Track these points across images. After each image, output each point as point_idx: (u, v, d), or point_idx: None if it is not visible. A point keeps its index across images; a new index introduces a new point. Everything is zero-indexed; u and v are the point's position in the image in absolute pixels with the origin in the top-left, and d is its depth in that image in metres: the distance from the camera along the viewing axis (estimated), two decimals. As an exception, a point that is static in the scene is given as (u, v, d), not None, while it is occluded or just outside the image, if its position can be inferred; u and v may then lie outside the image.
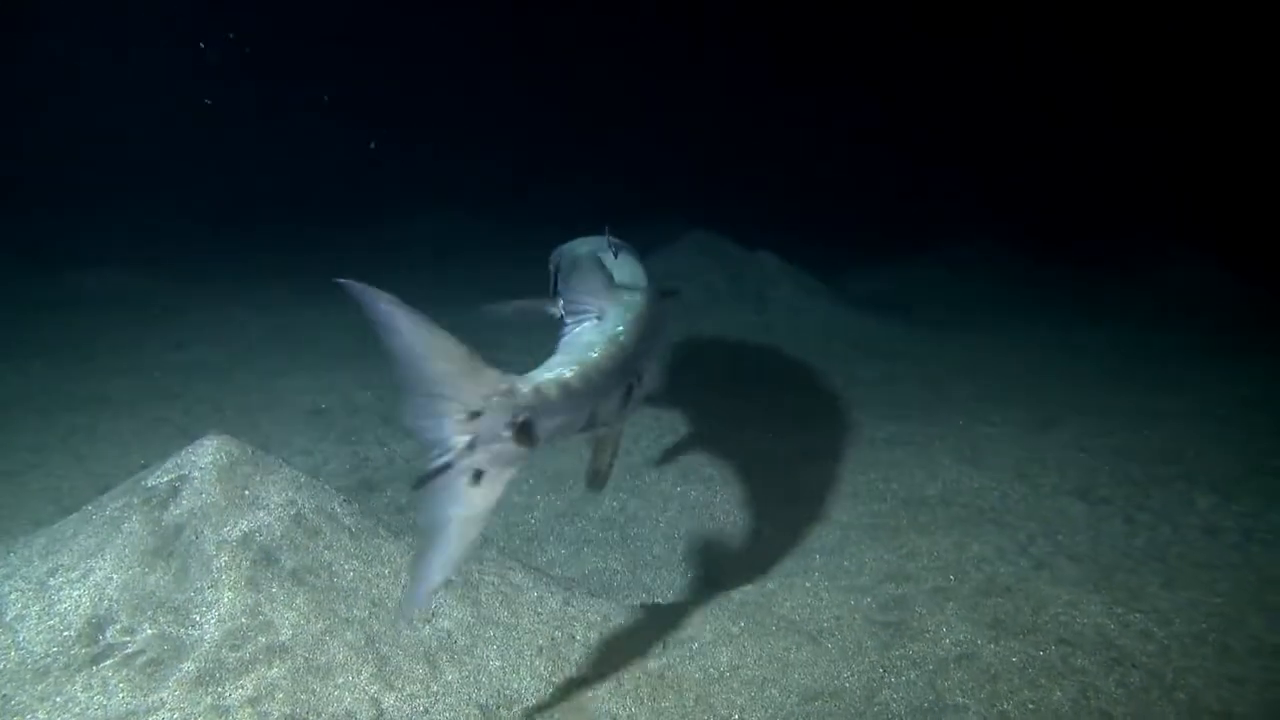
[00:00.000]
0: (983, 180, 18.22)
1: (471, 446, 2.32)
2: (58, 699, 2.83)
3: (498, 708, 3.08)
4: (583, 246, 3.92)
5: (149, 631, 3.05)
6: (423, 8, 23.47)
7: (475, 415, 2.31)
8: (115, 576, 3.20)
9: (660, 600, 4.02)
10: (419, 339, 2.27)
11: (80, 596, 3.15)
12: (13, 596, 3.20)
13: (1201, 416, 6.03)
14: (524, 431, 2.37)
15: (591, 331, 2.82)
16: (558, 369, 2.54)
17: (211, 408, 5.81)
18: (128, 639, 3.04)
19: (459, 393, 2.30)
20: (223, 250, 12.69)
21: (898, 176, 19.72)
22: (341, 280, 2.22)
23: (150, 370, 6.51)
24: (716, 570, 4.24)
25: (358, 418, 5.69)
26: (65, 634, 3.04)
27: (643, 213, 14.39)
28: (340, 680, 3.01)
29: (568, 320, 3.02)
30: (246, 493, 3.50)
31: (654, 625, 3.60)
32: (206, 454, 3.57)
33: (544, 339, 2.96)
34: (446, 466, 2.31)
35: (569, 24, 23.39)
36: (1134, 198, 16.45)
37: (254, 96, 20.23)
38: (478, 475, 2.34)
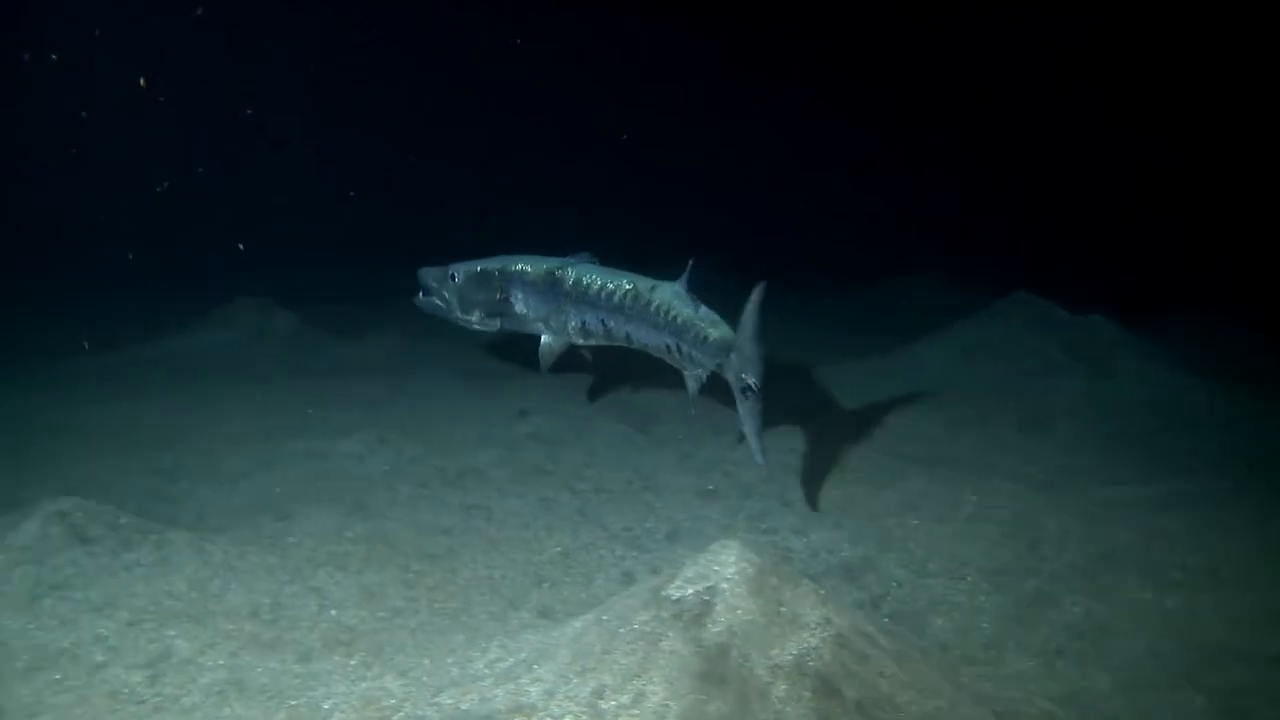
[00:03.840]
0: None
1: None
2: None
3: None
4: (540, 263, 5.94)
5: (730, 772, 2.76)
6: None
7: None
8: (672, 704, 2.93)
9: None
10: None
11: (643, 726, 2.90)
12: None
13: None
14: None
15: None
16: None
17: (593, 487, 5.62)
18: (711, 780, 2.75)
19: None
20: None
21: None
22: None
23: (505, 442, 6.40)
24: (1244, 701, 3.72)
25: (754, 500, 5.40)
26: (646, 771, 2.78)
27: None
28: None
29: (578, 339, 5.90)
30: (782, 609, 3.20)
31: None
32: (729, 563, 3.30)
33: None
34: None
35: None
36: None
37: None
38: None
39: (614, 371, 7.61)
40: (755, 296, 4.65)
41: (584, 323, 5.72)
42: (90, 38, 16.00)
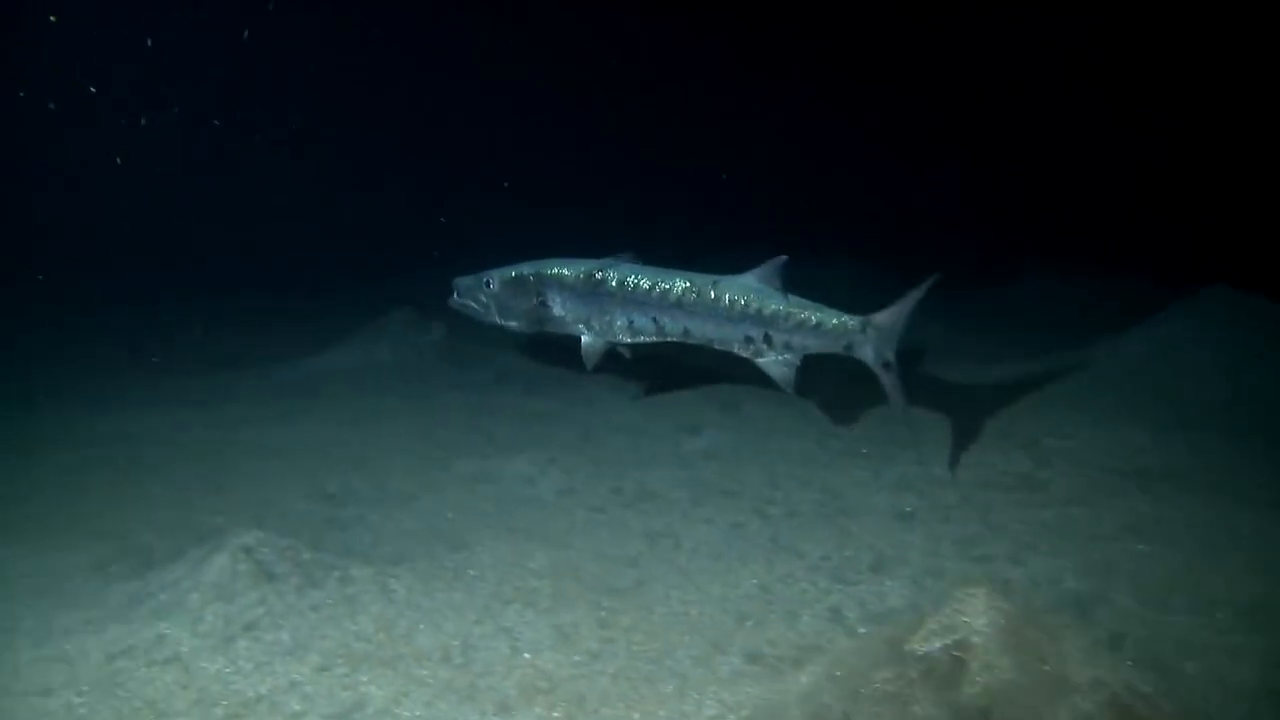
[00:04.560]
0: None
1: None
2: None
3: None
4: (576, 266, 6.16)
5: None
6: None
7: None
8: (933, 780, 2.58)
9: None
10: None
11: (904, 807, 2.56)
12: (818, 800, 2.66)
13: None
14: None
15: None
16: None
17: (783, 510, 5.30)
18: None
19: None
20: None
21: None
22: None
23: (679, 460, 6.14)
24: None
25: (956, 524, 4.99)
26: None
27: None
28: None
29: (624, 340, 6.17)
30: (1046, 667, 2.82)
31: None
32: (979, 610, 2.93)
33: None
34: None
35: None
36: None
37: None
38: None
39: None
40: (918, 291, 5.17)
41: (632, 321, 5.98)
42: (143, 53, 16.42)
